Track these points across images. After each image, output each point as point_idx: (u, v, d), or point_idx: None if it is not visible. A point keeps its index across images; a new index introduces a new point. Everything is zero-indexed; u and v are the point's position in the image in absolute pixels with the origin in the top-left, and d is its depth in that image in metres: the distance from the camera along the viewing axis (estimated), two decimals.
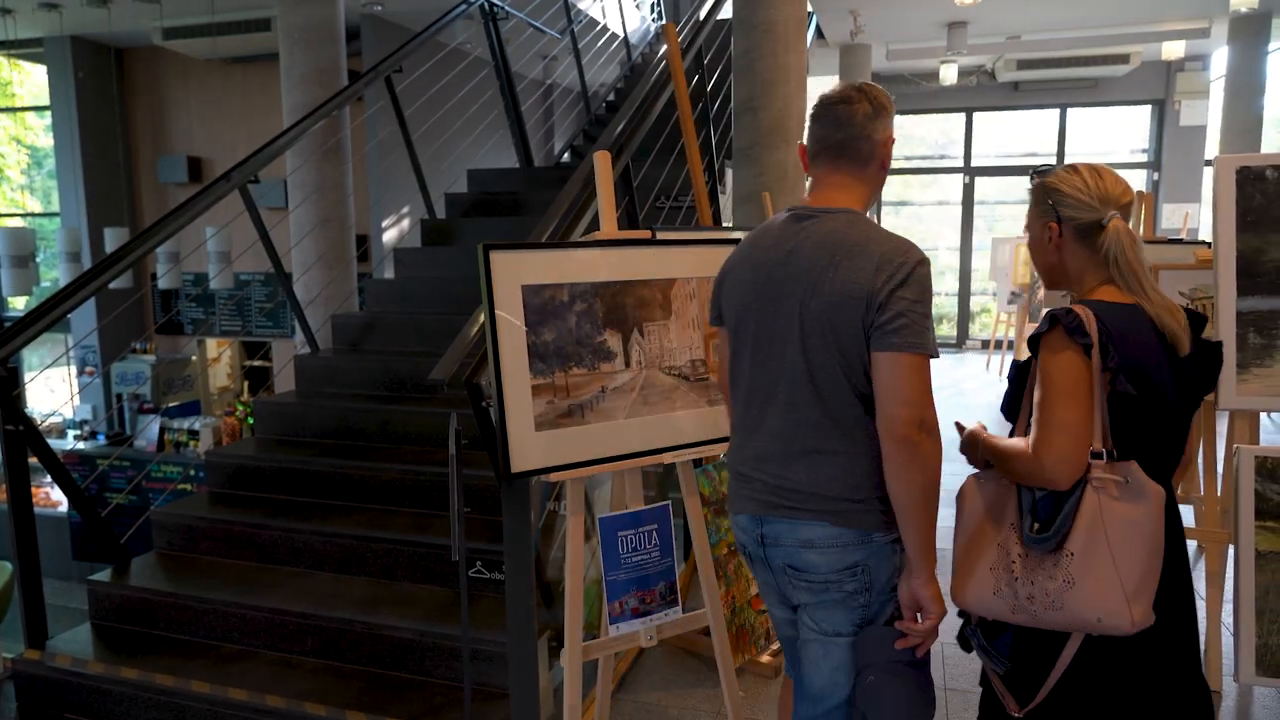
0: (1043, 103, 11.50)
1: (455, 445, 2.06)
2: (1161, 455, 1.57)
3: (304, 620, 2.96)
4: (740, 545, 1.82)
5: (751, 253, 1.75)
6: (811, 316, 1.61)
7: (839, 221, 1.66)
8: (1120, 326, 1.53)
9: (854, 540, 1.64)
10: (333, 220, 5.36)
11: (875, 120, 1.68)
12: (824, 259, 1.61)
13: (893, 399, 1.54)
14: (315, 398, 4.07)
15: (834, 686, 1.69)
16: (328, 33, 5.29)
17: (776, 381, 1.67)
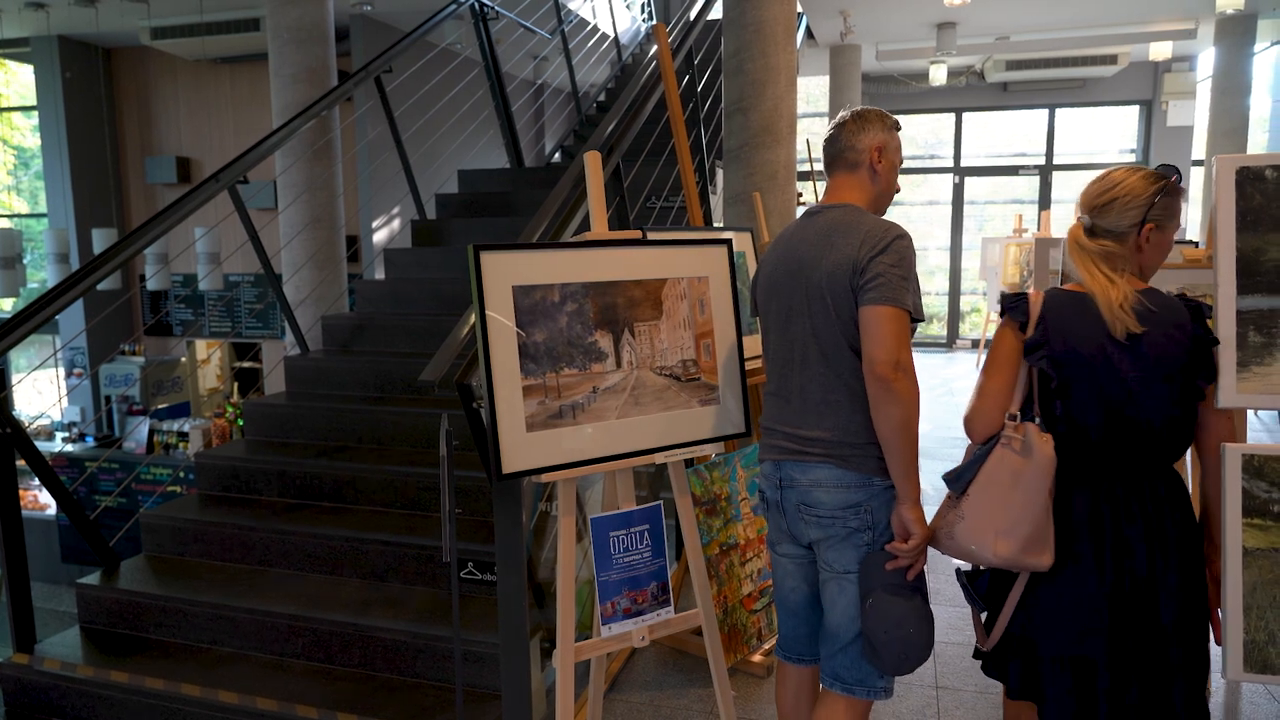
0: (1031, 103, 11.56)
1: (446, 446, 2.05)
2: (1109, 423, 1.74)
3: (295, 622, 2.95)
4: (762, 493, 2.11)
5: (775, 249, 2.09)
6: (814, 289, 1.93)
7: (838, 212, 1.99)
8: (1060, 310, 1.78)
9: (855, 482, 1.91)
10: (323, 221, 5.34)
11: (859, 133, 2.02)
12: (823, 241, 1.94)
13: (872, 344, 1.83)
14: (305, 399, 4.06)
15: (849, 621, 1.94)
16: (317, 32, 5.27)
17: (793, 348, 2.00)
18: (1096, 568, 1.75)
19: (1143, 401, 1.73)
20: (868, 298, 1.84)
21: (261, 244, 4.17)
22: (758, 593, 3.13)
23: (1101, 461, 1.77)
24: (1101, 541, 1.75)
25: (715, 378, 2.29)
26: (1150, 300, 1.76)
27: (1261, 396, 1.84)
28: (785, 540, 2.07)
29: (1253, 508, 1.80)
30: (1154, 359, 1.73)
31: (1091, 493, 1.77)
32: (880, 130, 2.02)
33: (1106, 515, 1.76)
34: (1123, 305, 1.72)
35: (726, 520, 3.04)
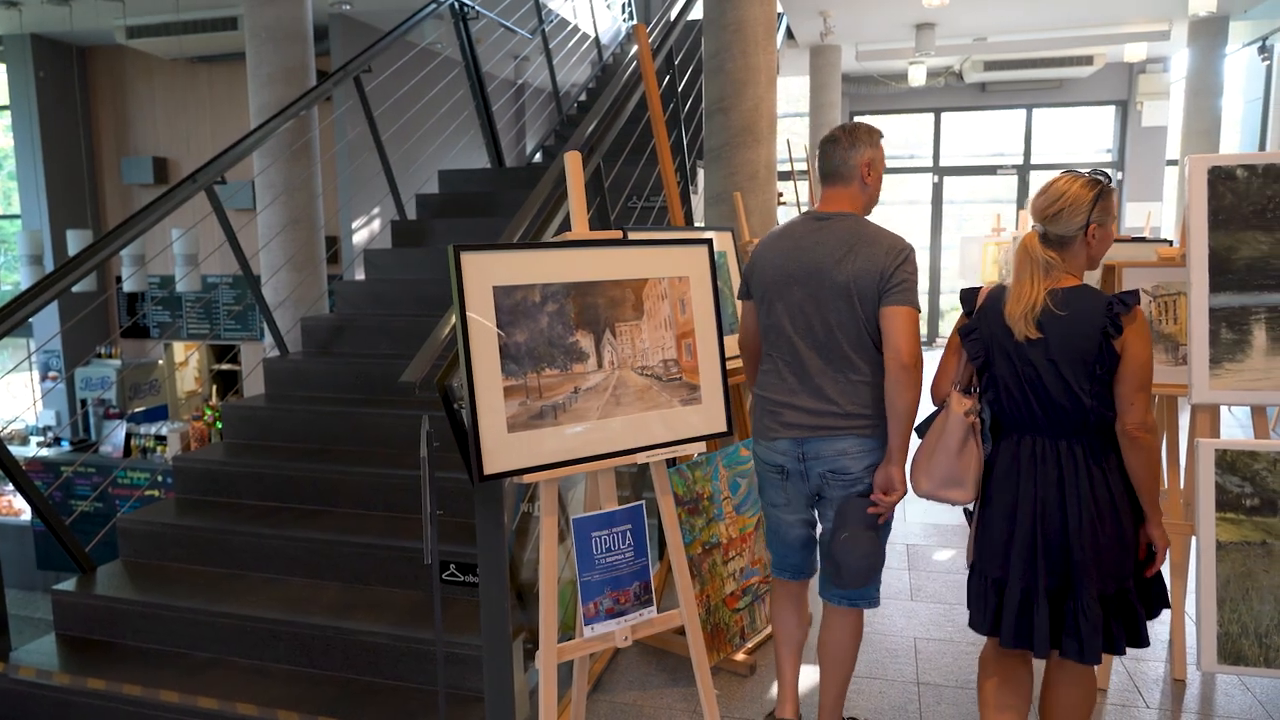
0: (1009, 103, 11.65)
1: (427, 448, 2.05)
2: (1024, 397, 2.13)
3: (275, 627, 2.93)
4: (774, 465, 2.41)
5: (780, 243, 2.38)
6: (839, 288, 2.26)
7: (849, 222, 2.34)
8: (994, 304, 2.19)
9: (873, 447, 2.31)
10: (302, 221, 5.31)
11: (851, 150, 2.34)
12: (844, 247, 2.28)
13: (899, 338, 2.21)
14: (285, 401, 4.03)
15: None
16: (295, 32, 5.23)
17: (810, 337, 2.31)
18: (1014, 509, 2.13)
19: (1051, 383, 2.07)
20: (892, 299, 2.22)
21: (240, 245, 4.14)
22: (740, 591, 3.14)
23: (1022, 425, 2.15)
24: (1019, 488, 2.13)
25: (696, 377, 2.30)
26: (1069, 299, 2.06)
27: (1233, 393, 1.86)
28: (798, 500, 2.42)
29: (1225, 502, 1.82)
30: (1059, 351, 2.06)
31: (1015, 449, 2.16)
32: (869, 147, 2.34)
33: (1025, 467, 2.13)
34: (1026, 316, 2.07)
35: (709, 519, 3.04)
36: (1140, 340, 2.01)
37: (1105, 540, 2.05)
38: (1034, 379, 2.09)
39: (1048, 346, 2.07)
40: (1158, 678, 3.02)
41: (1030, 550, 2.11)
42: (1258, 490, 1.83)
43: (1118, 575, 2.07)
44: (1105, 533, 2.05)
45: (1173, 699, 2.89)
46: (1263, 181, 1.86)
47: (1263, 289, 1.86)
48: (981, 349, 2.19)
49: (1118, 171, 11.48)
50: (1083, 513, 2.05)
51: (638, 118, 4.70)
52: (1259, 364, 1.87)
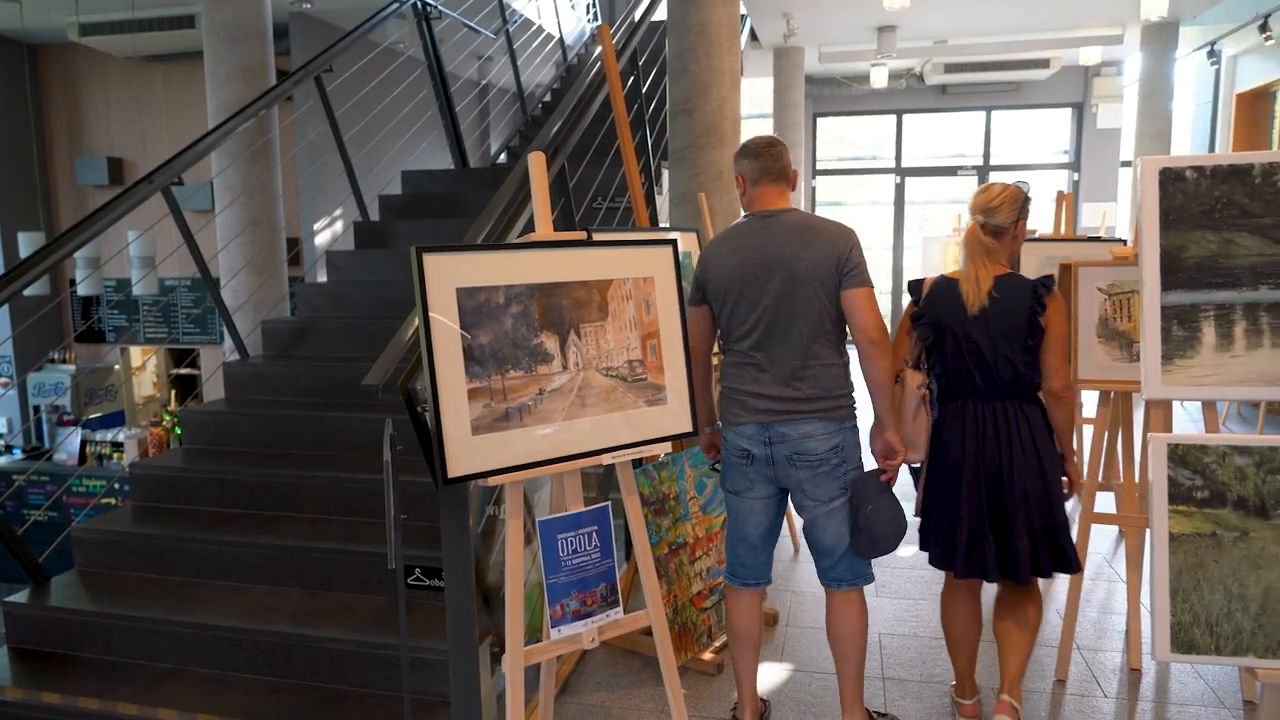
0: (969, 105, 11.83)
1: (390, 451, 2.03)
2: (965, 371, 2.51)
3: (236, 635, 2.88)
4: (740, 450, 2.51)
5: (730, 245, 2.50)
6: (797, 276, 2.39)
7: (793, 215, 2.48)
8: (937, 292, 2.57)
9: (835, 428, 2.44)
10: (262, 223, 5.23)
11: (785, 155, 2.56)
12: (797, 240, 2.42)
13: (864, 316, 2.37)
14: (245, 406, 3.97)
15: (840, 538, 2.49)
16: (254, 30, 5.16)
17: (773, 326, 2.43)
18: (961, 461, 2.52)
19: (990, 355, 2.47)
20: (851, 282, 2.39)
21: (198, 247, 4.07)
22: (707, 591, 3.15)
23: (964, 391, 2.54)
24: (964, 444, 2.51)
25: (662, 378, 2.30)
26: (1004, 284, 2.49)
27: (1184, 388, 1.91)
28: (762, 484, 2.52)
29: (1177, 495, 1.87)
30: (997, 328, 2.45)
31: (959, 412, 2.54)
32: (789, 153, 2.60)
33: (968, 427, 2.52)
34: (979, 289, 2.48)
35: (675, 519, 3.05)
36: (1060, 316, 2.44)
37: (1031, 483, 2.46)
38: (976, 353, 2.48)
39: (988, 324, 2.47)
40: (1115, 667, 3.09)
41: (977, 494, 2.50)
42: (1208, 483, 1.88)
43: (1043, 512, 2.48)
44: (1030, 476, 2.46)
45: (1129, 688, 2.95)
46: (1211, 182, 1.91)
47: (1211, 287, 1.91)
48: (931, 331, 2.56)
49: (1074, 173, 11.70)
50: (1014, 460, 2.46)
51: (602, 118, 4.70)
52: (1208, 360, 1.91)
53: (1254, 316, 1.90)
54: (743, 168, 2.55)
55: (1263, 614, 1.83)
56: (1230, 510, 1.86)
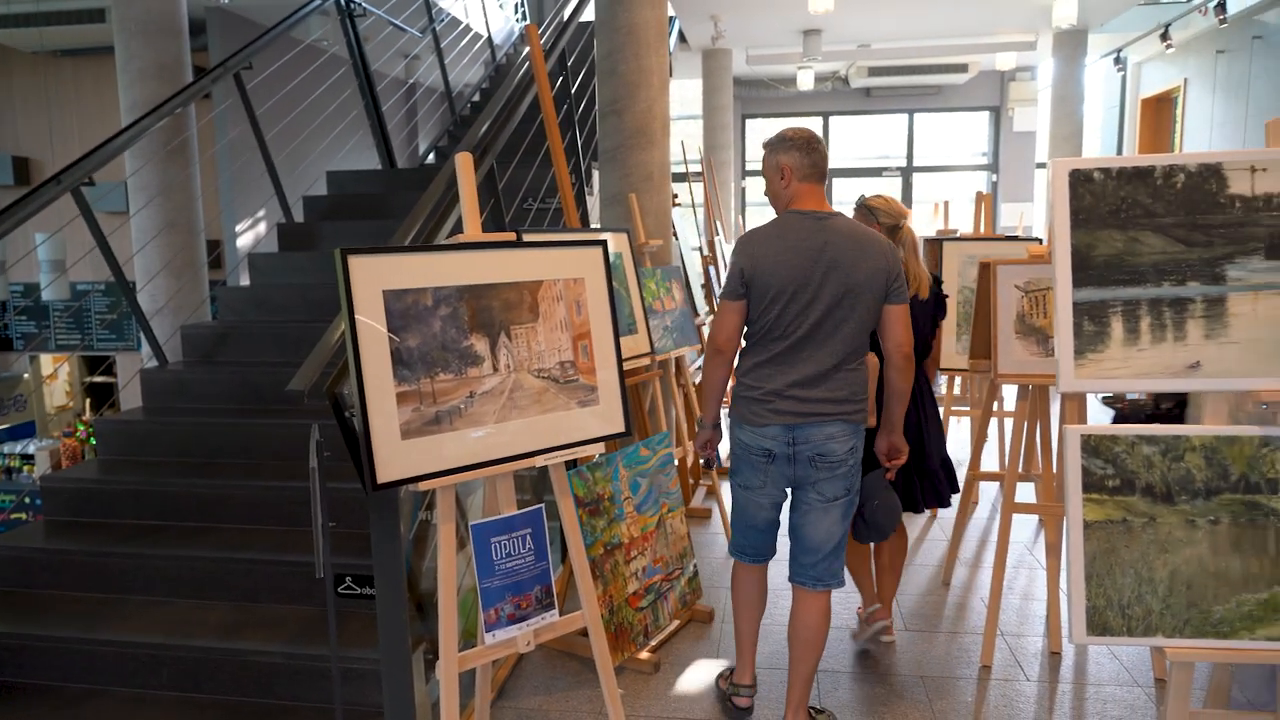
0: (892, 108, 12.12)
1: (317, 458, 1.99)
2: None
3: (158, 652, 2.79)
4: (763, 450, 2.54)
5: (783, 243, 2.47)
6: (854, 285, 2.44)
7: (846, 221, 2.53)
8: None
9: (853, 431, 2.53)
10: (180, 225, 5.06)
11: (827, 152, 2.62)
12: (854, 247, 2.46)
13: (901, 331, 2.51)
14: (165, 414, 3.83)
15: (830, 536, 2.58)
16: (168, 25, 4.98)
17: (816, 328, 2.45)
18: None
19: (926, 331, 3.11)
20: (895, 299, 2.50)
21: (111, 250, 3.92)
22: (643, 590, 3.17)
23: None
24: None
25: (594, 379, 2.31)
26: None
27: (1096, 381, 1.99)
28: (778, 481, 2.58)
29: (1091, 484, 1.95)
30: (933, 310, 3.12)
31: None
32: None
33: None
34: (926, 280, 3.04)
35: (610, 520, 3.05)
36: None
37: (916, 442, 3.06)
38: (920, 329, 2.95)
39: (929, 307, 3.10)
40: (1037, 651, 3.20)
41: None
42: (1119, 471, 1.96)
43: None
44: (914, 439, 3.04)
45: (1050, 670, 3.06)
46: (1116, 184, 2.00)
47: (1119, 284, 2.00)
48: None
49: (993, 174, 12.09)
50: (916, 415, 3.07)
51: (532, 118, 4.68)
52: (1117, 354, 2.00)
53: (1158, 312, 1.99)
54: (791, 159, 2.51)
55: (1170, 595, 1.92)
56: (1139, 497, 1.95)
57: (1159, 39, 8.64)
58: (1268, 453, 1.92)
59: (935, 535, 4.45)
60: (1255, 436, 1.92)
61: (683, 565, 3.42)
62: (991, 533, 4.47)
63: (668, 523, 3.35)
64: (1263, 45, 7.72)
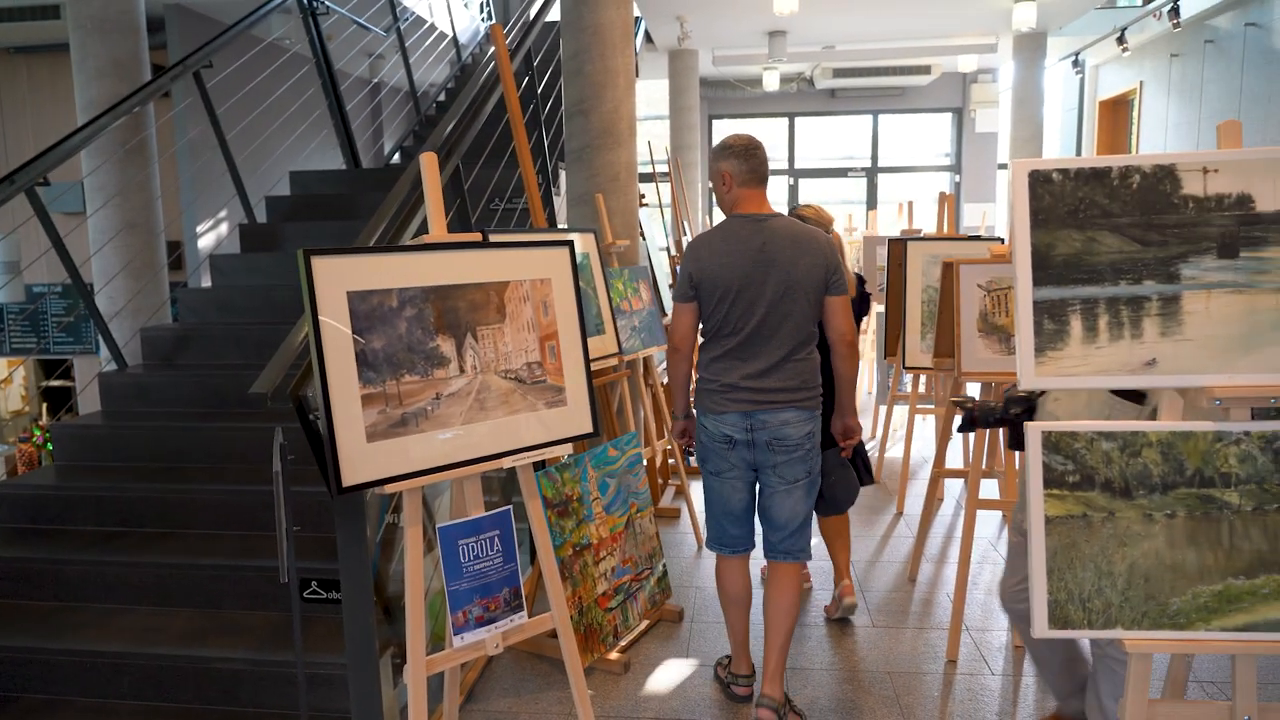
0: (856, 109, 12.23)
1: (281, 461, 1.96)
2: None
3: (119, 660, 2.73)
4: (723, 436, 2.69)
5: (728, 245, 2.64)
6: (793, 280, 2.60)
7: (785, 221, 2.70)
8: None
9: (808, 417, 2.68)
10: (139, 225, 4.96)
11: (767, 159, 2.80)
12: (792, 245, 2.63)
13: (842, 321, 2.68)
14: (125, 418, 3.76)
15: (795, 514, 2.74)
16: (125, 22, 4.89)
17: (763, 323, 2.61)
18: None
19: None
20: (836, 290, 2.67)
21: (68, 251, 3.84)
22: (612, 591, 3.17)
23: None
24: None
25: (561, 379, 2.30)
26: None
27: (1056, 379, 2.02)
28: (741, 466, 2.72)
29: (1051, 480, 1.98)
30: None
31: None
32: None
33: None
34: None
35: (579, 521, 3.05)
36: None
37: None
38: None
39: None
40: (1001, 646, 3.25)
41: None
42: (1079, 467, 1.99)
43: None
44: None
45: (1014, 665, 3.11)
46: (1074, 184, 2.03)
47: (1077, 283, 2.03)
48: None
49: (955, 174, 12.24)
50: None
51: (498, 118, 4.65)
52: (1076, 351, 2.03)
53: (1115, 310, 2.03)
54: (730, 166, 2.68)
55: (1128, 588, 1.96)
56: (1099, 492, 1.99)
57: (1115, 42, 8.81)
58: (1221, 447, 1.96)
59: (901, 532, 4.50)
60: (1209, 432, 1.97)
61: (652, 565, 3.42)
62: (956, 529, 4.53)
63: (636, 523, 3.36)
64: (1214, 49, 7.90)
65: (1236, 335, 1.98)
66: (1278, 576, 1.93)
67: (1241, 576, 1.94)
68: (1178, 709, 2.02)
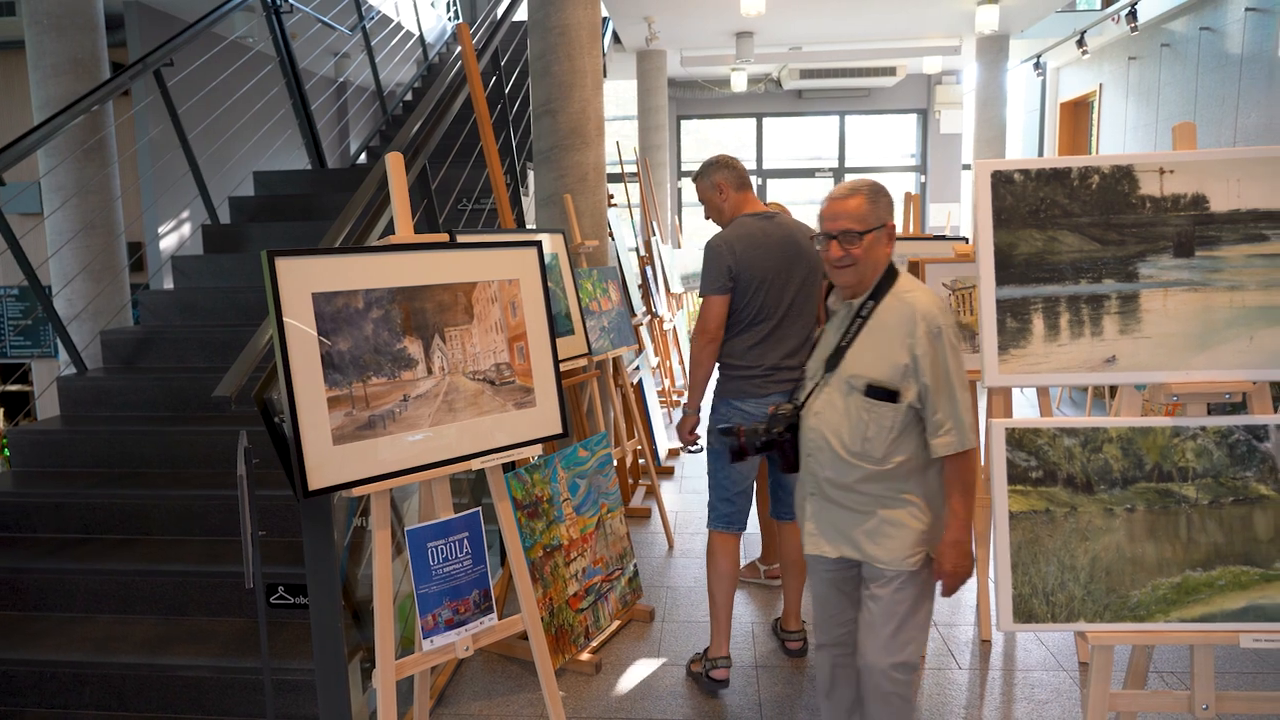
0: (824, 110, 12.32)
1: (245, 465, 1.94)
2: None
3: (80, 670, 2.68)
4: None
5: (756, 240, 2.88)
6: (814, 267, 2.93)
7: (785, 217, 3.02)
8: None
9: None
10: (98, 226, 4.87)
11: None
12: (802, 237, 2.94)
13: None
14: (85, 423, 3.69)
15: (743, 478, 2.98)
16: (84, 20, 4.80)
17: (791, 305, 2.89)
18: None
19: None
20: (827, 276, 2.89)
21: (24, 253, 3.76)
22: (583, 592, 3.16)
23: None
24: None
25: (530, 380, 2.30)
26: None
27: (1019, 375, 2.05)
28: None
29: (1015, 476, 2.01)
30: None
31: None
32: None
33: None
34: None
35: (549, 522, 3.04)
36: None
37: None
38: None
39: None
40: (968, 640, 3.29)
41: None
42: (1041, 463, 2.02)
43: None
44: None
45: (981, 658, 3.15)
46: (1036, 184, 2.06)
47: (1039, 282, 2.07)
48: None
49: (921, 175, 12.38)
50: None
51: (466, 118, 4.63)
52: (1038, 349, 2.07)
53: (1076, 308, 2.07)
54: (724, 176, 2.99)
55: (1091, 582, 1.99)
56: (1061, 487, 2.02)
57: (1075, 45, 8.96)
58: (1178, 443, 2.00)
59: None
60: (1167, 427, 2.01)
61: (623, 565, 3.42)
62: None
63: (607, 523, 3.36)
64: (1170, 53, 8.07)
65: (1193, 333, 2.03)
66: (1233, 568, 1.97)
67: (1199, 568, 1.98)
68: (1139, 699, 2.06)
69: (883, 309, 2.06)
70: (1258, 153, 2.01)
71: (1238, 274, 2.01)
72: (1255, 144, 6.80)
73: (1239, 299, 2.01)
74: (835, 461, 2.11)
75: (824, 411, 2.12)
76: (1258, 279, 2.01)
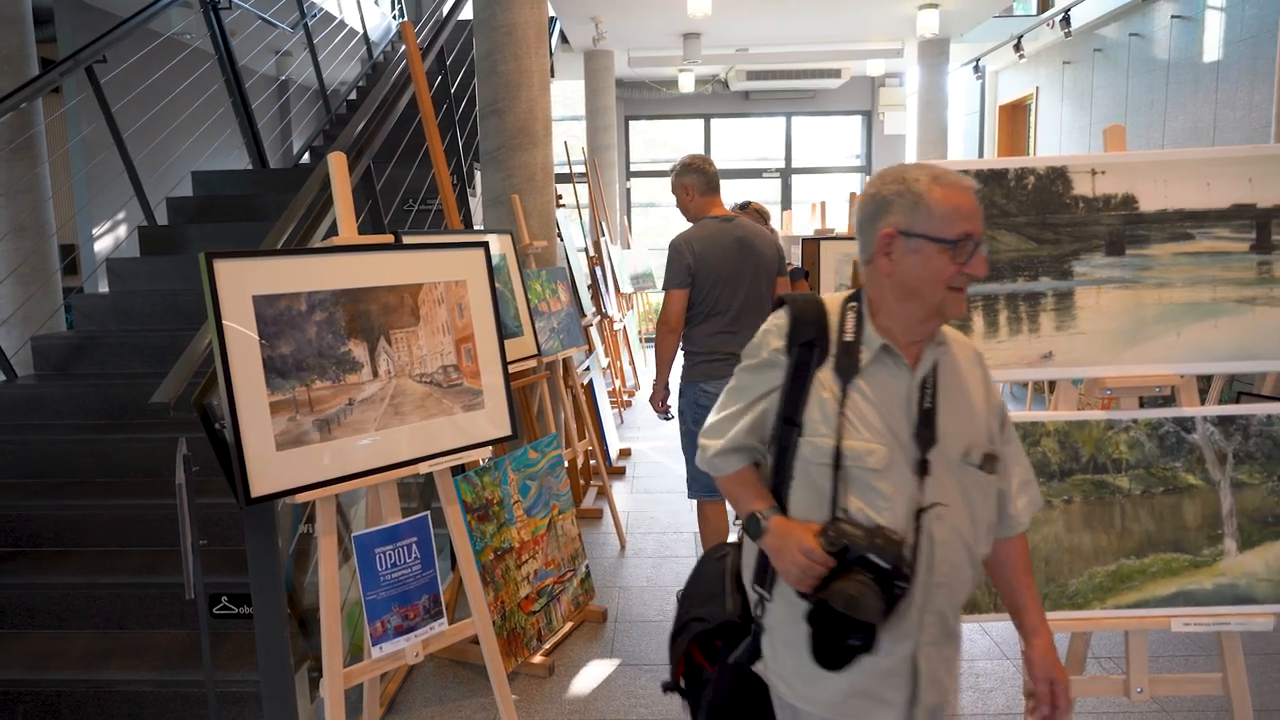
0: (770, 111, 12.44)
1: (185, 473, 1.89)
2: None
3: (13, 688, 2.59)
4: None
5: (714, 240, 3.26)
6: (762, 265, 3.30)
7: (744, 220, 3.37)
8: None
9: None
10: (28, 228, 4.71)
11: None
12: (757, 238, 3.32)
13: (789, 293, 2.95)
14: (15, 432, 3.56)
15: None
16: (11, 14, 4.64)
17: (746, 299, 3.25)
18: None
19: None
20: (783, 271, 3.41)
21: None
22: (535, 594, 3.15)
23: None
24: None
25: (479, 382, 2.28)
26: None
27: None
28: None
29: None
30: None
31: None
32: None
33: None
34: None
35: (500, 525, 3.03)
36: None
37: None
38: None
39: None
40: None
41: None
42: None
43: None
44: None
45: None
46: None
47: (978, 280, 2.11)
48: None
49: (866, 175, 12.57)
50: None
51: (411, 117, 4.58)
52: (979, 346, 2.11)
53: (1014, 306, 2.12)
54: (692, 180, 3.36)
55: None
56: None
57: (1013, 49, 9.19)
58: (1112, 435, 2.07)
59: None
60: (1101, 421, 2.07)
61: (575, 566, 3.42)
62: None
63: (558, 524, 3.35)
64: (1103, 58, 8.32)
65: (1124, 329, 2.09)
66: (1165, 555, 2.05)
67: (1133, 556, 2.05)
68: (1077, 684, 2.12)
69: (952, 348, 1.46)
70: (1184, 154, 2.09)
71: (1165, 271, 2.09)
72: (1182, 146, 7.05)
73: (1167, 295, 2.08)
74: (970, 580, 1.43)
75: (946, 513, 1.36)
76: (1184, 276, 2.08)
